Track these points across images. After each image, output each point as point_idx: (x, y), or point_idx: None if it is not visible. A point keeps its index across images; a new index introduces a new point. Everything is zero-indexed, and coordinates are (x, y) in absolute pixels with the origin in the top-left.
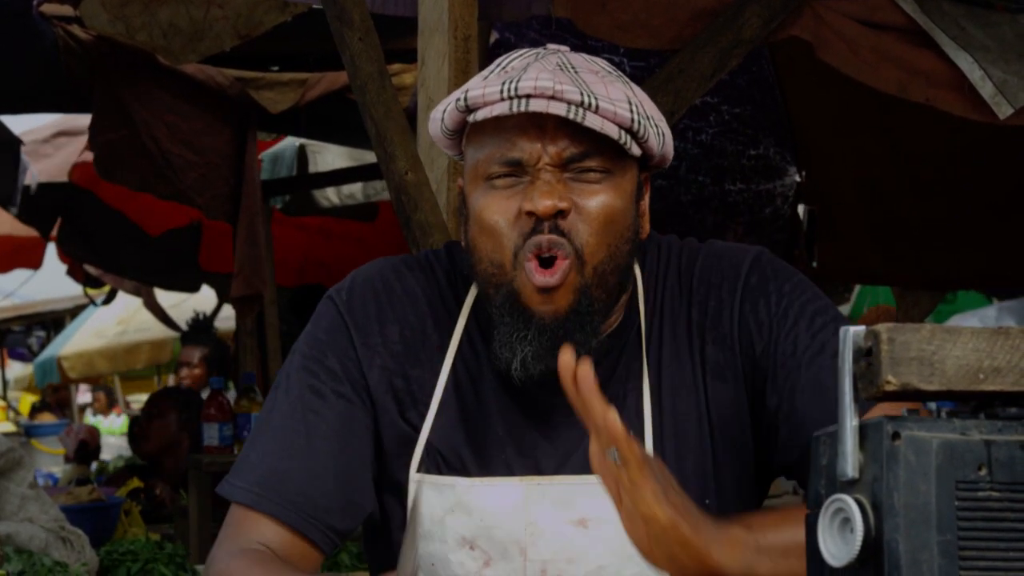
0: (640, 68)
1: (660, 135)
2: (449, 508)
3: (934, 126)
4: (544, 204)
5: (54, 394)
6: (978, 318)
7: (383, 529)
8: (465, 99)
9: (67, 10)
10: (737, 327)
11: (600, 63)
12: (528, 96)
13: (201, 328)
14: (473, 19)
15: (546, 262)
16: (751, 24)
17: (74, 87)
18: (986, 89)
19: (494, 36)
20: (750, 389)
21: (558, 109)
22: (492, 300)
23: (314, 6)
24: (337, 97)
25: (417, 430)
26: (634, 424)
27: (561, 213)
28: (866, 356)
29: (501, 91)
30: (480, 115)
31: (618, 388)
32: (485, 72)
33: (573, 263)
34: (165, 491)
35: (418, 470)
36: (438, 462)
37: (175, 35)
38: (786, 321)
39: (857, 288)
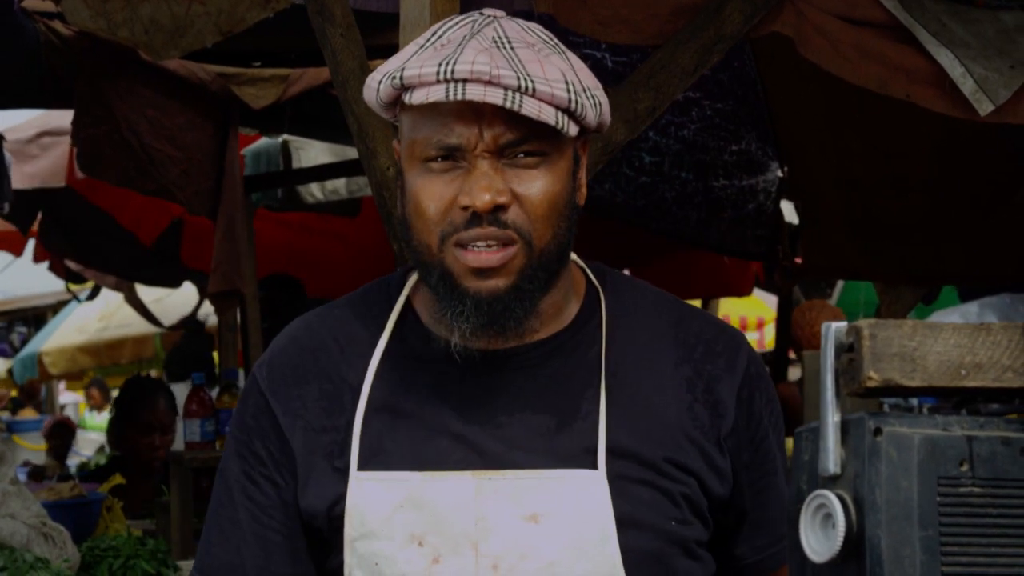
0: (622, 63)
1: (596, 105)
2: (398, 504)
3: (915, 122)
4: (483, 199)
5: (26, 389)
6: (960, 314)
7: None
8: (400, 77)
9: (49, 6)
10: (733, 403)
11: (536, 31)
12: (465, 80)
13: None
14: (455, 13)
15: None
16: (733, 20)
17: (56, 83)
18: (967, 86)
19: None
20: (711, 460)
21: (495, 97)
22: (427, 278)
23: (296, 2)
24: (319, 93)
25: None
26: (590, 429)
27: (500, 207)
28: (848, 352)
29: (437, 72)
30: (416, 99)
31: (568, 396)
32: (421, 40)
33: (521, 248)
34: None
35: (360, 468)
36: (383, 461)
37: (156, 31)
38: (769, 427)
39: (840, 284)
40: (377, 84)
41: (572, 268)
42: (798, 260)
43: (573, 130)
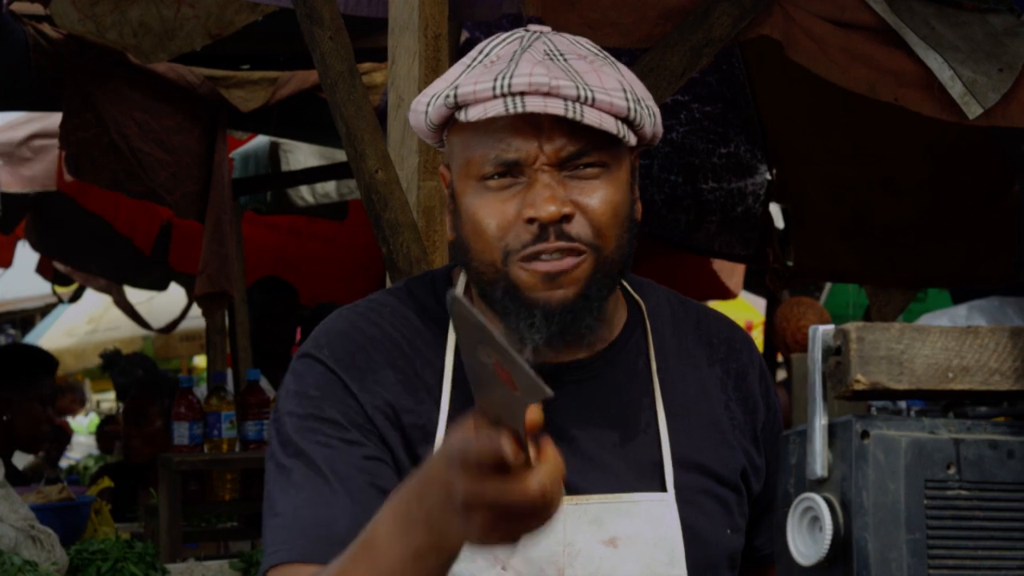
0: None
1: (652, 115)
2: None
3: (904, 124)
4: (548, 210)
5: None
6: (948, 317)
7: None
8: (455, 96)
9: (37, 8)
10: (759, 397)
11: (585, 44)
12: (523, 93)
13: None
14: (443, 17)
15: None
16: (721, 23)
17: (45, 86)
18: (955, 89)
19: (464, 35)
20: (751, 459)
21: (556, 108)
22: (491, 295)
23: (284, 5)
24: (308, 96)
25: None
26: (653, 442)
27: (565, 218)
28: (835, 355)
29: (494, 87)
30: (472, 115)
31: (628, 407)
32: (467, 60)
33: (590, 257)
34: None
35: None
36: None
37: (145, 34)
38: (780, 417)
39: (828, 286)
40: (426, 107)
41: None
42: (788, 263)
43: (632, 139)
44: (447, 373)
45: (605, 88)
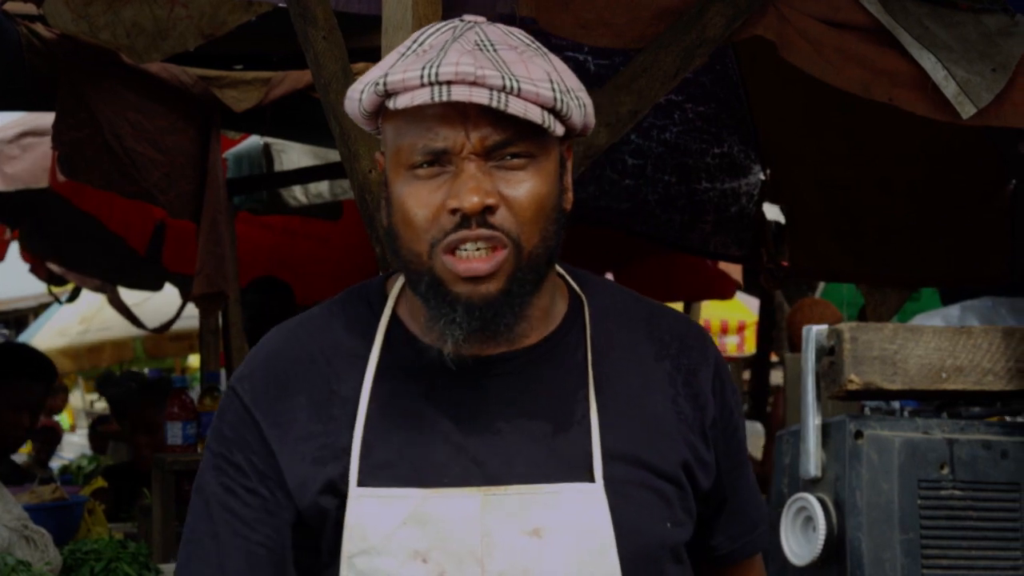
0: (604, 67)
1: (581, 106)
2: (400, 521)
3: (898, 124)
4: (471, 201)
5: None
6: (941, 317)
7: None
8: (384, 84)
9: (31, 8)
10: (711, 394)
11: (517, 35)
12: (449, 83)
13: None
14: (437, 18)
15: (472, 255)
16: (715, 23)
17: (38, 85)
18: (949, 89)
19: None
20: (698, 454)
21: (480, 97)
22: (416, 286)
23: (278, 5)
24: (301, 96)
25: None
26: (585, 434)
27: (489, 209)
28: (829, 355)
29: (421, 76)
30: (400, 103)
31: (561, 400)
32: (402, 48)
33: (510, 251)
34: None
35: (360, 484)
36: (384, 476)
37: (138, 34)
38: (737, 415)
39: (821, 285)
40: (359, 94)
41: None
42: (784, 263)
43: (559, 129)
44: (366, 385)
45: (532, 78)
